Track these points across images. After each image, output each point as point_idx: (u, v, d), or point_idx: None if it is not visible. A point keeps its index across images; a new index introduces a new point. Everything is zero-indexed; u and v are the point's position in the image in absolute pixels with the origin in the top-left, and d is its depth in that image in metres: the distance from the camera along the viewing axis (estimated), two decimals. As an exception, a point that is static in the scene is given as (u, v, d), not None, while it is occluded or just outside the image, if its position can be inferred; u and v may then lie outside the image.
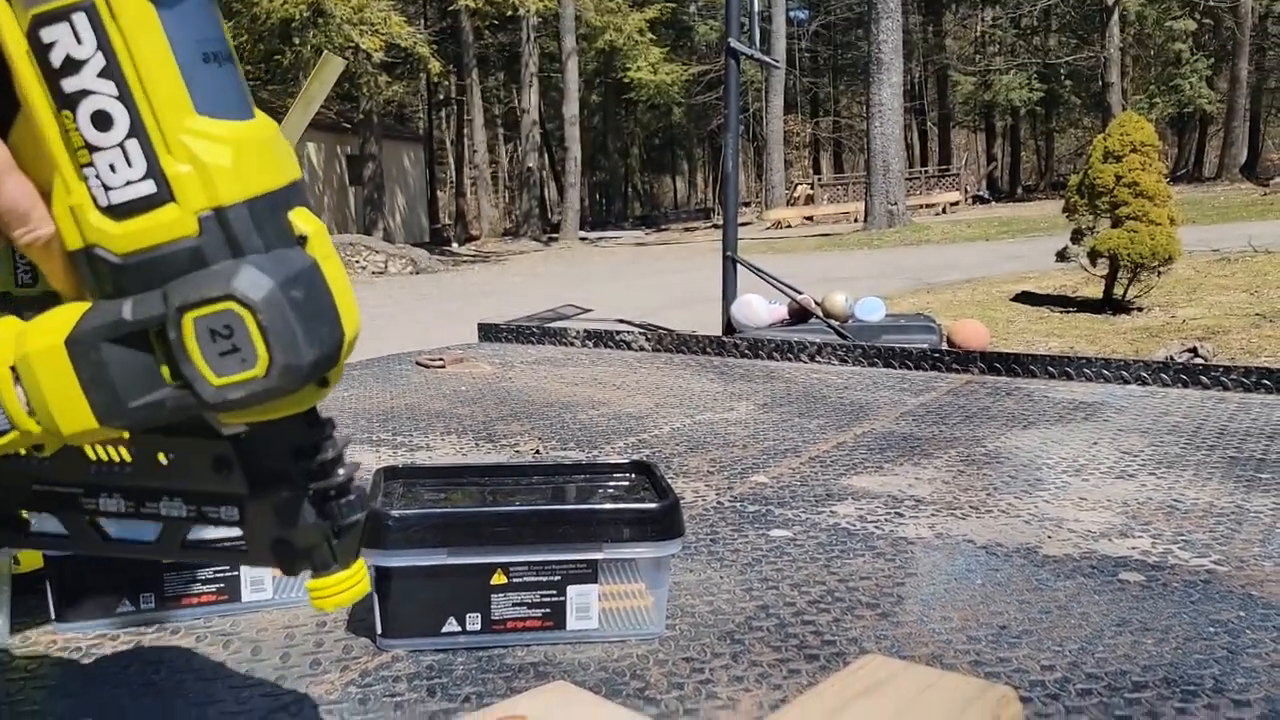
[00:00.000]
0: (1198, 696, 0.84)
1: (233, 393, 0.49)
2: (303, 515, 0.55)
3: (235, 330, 0.49)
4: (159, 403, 0.51)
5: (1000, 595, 1.06)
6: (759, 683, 0.87)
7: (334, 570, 0.57)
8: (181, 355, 0.49)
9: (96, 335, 0.50)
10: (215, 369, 0.49)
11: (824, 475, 1.52)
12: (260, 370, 0.49)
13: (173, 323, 0.49)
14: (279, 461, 0.55)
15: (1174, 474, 1.49)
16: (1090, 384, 2.18)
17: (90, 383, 0.50)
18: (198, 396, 0.50)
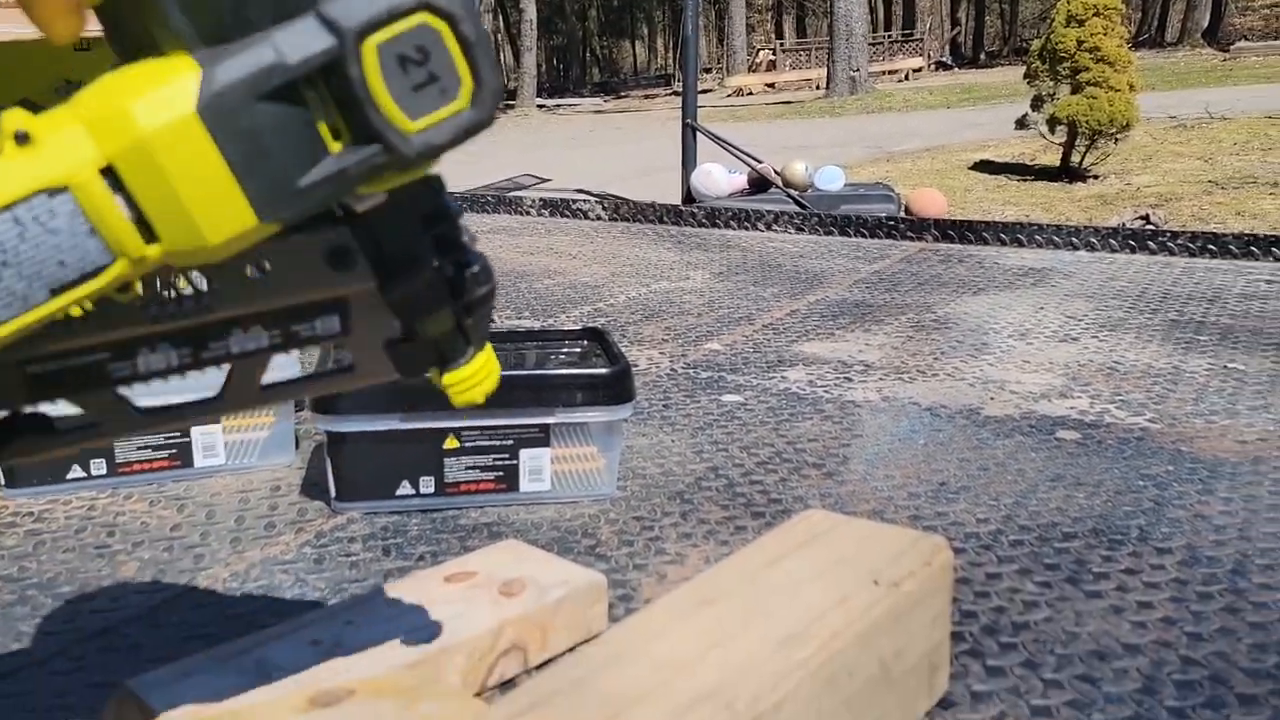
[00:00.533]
0: (1123, 545, 0.88)
1: (436, 135, 0.39)
2: (435, 297, 0.46)
3: (432, 52, 0.38)
4: (339, 174, 0.39)
5: (941, 454, 1.09)
6: (706, 539, 0.90)
7: (471, 355, 0.48)
8: (366, 98, 0.38)
9: (244, 92, 0.37)
10: (409, 109, 0.38)
11: (776, 342, 1.54)
12: (464, 100, 0.39)
13: (352, 55, 0.37)
14: (409, 237, 0.45)
15: (1115, 337, 1.53)
16: (1041, 250, 2.20)
17: (246, 161, 0.37)
18: (393, 151, 0.39)
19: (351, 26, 0.37)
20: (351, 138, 0.39)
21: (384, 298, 0.45)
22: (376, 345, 0.47)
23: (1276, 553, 0.86)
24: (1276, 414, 1.19)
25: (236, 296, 0.44)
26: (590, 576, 0.72)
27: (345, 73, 0.37)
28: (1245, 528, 0.91)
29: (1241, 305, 1.70)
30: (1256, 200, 6.17)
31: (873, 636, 0.56)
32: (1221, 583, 0.81)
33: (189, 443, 1.02)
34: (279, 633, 0.64)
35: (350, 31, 0.37)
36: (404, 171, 0.40)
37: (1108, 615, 0.77)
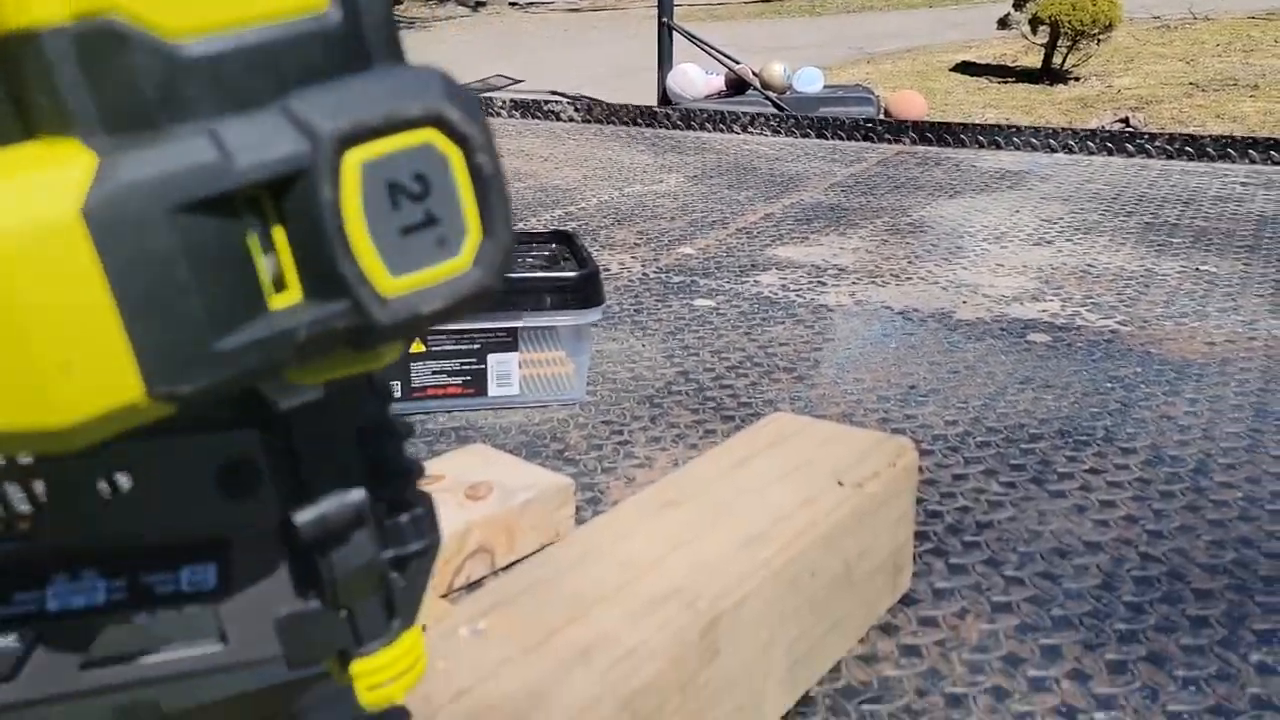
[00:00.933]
0: (1089, 446, 0.89)
1: (423, 301, 0.27)
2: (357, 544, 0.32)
3: (434, 184, 0.27)
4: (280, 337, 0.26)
5: (912, 358, 1.09)
6: (675, 443, 0.90)
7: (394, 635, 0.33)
8: (336, 234, 0.26)
9: (158, 197, 0.25)
10: (393, 260, 0.27)
11: (750, 246, 1.52)
12: (466, 257, 0.27)
13: (325, 169, 0.26)
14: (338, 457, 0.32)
15: (1090, 240, 1.52)
16: (1019, 153, 2.17)
17: (142, 301, 0.25)
18: (364, 315, 0.27)
19: (331, 131, 0.26)
20: (305, 291, 0.27)
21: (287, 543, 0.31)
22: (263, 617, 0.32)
23: (1239, 452, 0.87)
24: (1246, 316, 1.19)
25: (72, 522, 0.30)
26: (557, 480, 0.72)
27: (314, 194, 0.26)
28: (1209, 428, 0.91)
29: (1216, 208, 1.69)
30: (1236, 103, 6.12)
31: (836, 537, 0.56)
32: (1184, 481, 0.82)
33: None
34: (242, 538, 0.63)
35: (328, 137, 0.26)
36: (368, 348, 0.28)
37: (1070, 514, 0.77)
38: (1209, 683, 0.59)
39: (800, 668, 0.55)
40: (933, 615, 0.65)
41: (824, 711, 0.56)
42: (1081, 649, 0.62)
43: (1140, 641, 0.62)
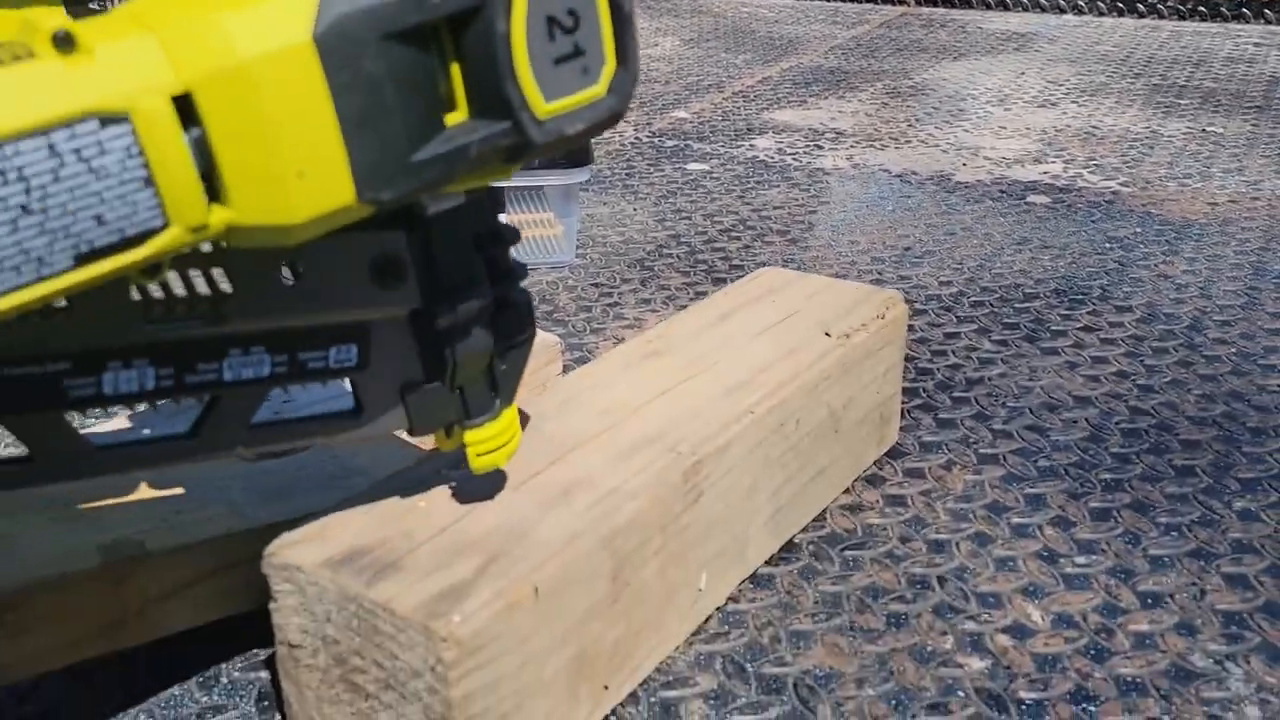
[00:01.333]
0: (1084, 304, 0.87)
1: (568, 123, 0.32)
2: (478, 333, 0.37)
3: (583, 19, 0.31)
4: (458, 151, 0.30)
5: (909, 220, 1.07)
6: (666, 304, 0.89)
7: (497, 411, 0.40)
8: (505, 63, 0.30)
9: (371, 25, 0.28)
10: (547, 86, 0.31)
11: (746, 110, 1.48)
12: (603, 85, 0.32)
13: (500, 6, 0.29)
14: (464, 255, 0.37)
15: (1095, 102, 1.47)
16: (1026, 14, 2.09)
17: (359, 117, 0.28)
18: (522, 133, 0.31)
19: None
20: (472, 112, 0.31)
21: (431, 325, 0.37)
22: (392, 389, 0.38)
23: (1235, 310, 0.86)
24: (1250, 176, 1.17)
25: (257, 307, 0.34)
26: (544, 337, 0.71)
27: (489, 26, 0.29)
28: (1206, 286, 0.90)
29: (1226, 69, 1.64)
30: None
31: (821, 386, 0.56)
32: (1178, 338, 0.81)
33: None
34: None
35: None
36: (519, 163, 0.32)
37: (1062, 370, 0.77)
38: (1190, 528, 0.59)
39: (784, 514, 0.55)
40: (919, 467, 0.65)
41: (807, 557, 0.57)
42: (1066, 498, 0.62)
43: (1125, 490, 0.63)
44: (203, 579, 0.45)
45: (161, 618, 0.45)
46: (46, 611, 0.42)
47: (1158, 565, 0.56)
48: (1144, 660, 0.49)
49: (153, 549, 0.44)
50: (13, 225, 0.25)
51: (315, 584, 0.40)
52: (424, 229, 0.36)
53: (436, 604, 0.38)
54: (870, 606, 0.53)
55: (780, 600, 0.54)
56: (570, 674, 0.42)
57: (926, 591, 0.54)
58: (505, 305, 0.38)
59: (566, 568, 0.40)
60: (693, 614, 0.50)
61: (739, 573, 0.53)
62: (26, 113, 0.25)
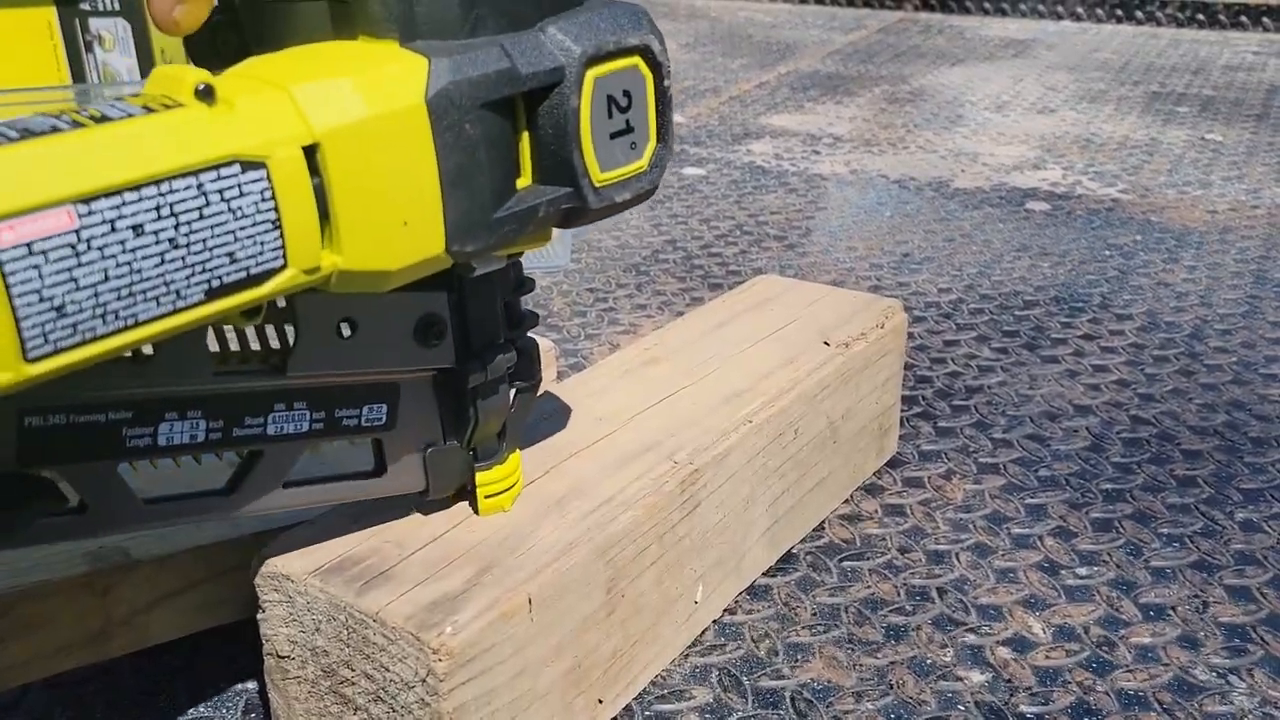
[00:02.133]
0: (1084, 312, 0.87)
1: (618, 192, 0.36)
2: (502, 394, 0.40)
3: (634, 99, 0.35)
4: (530, 211, 0.34)
5: (907, 226, 1.06)
6: (661, 310, 0.88)
7: (505, 455, 0.42)
8: (574, 134, 0.34)
9: (474, 93, 0.31)
10: (603, 159, 0.35)
11: (743, 115, 1.47)
12: (645, 161, 0.36)
13: (574, 82, 0.33)
14: (492, 313, 0.39)
15: (1094, 109, 1.47)
16: (1025, 20, 2.09)
17: (457, 174, 0.32)
18: (583, 199, 0.35)
19: (581, 53, 0.33)
20: (539, 177, 0.34)
21: (461, 384, 0.39)
22: (413, 449, 0.40)
23: (1235, 318, 0.85)
24: (1250, 184, 1.16)
25: (314, 360, 0.36)
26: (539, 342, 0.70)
27: (564, 100, 0.33)
28: (1207, 294, 0.90)
29: (1225, 76, 1.64)
30: (1252, -24, 5.91)
31: (820, 396, 0.55)
32: (1178, 347, 0.81)
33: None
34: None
35: (579, 57, 0.33)
36: (573, 224, 0.36)
37: (1062, 379, 0.76)
38: (1193, 539, 0.58)
39: (782, 525, 0.55)
40: (918, 476, 0.64)
41: (805, 568, 0.56)
42: (1067, 508, 0.61)
43: (1126, 500, 0.62)
44: (190, 588, 0.45)
45: (147, 627, 0.44)
46: (30, 620, 0.41)
47: (1160, 577, 0.55)
48: (1146, 673, 0.49)
49: (139, 557, 0.43)
50: (160, 258, 0.26)
51: (304, 593, 0.39)
52: (462, 290, 0.38)
53: (428, 614, 0.37)
54: (869, 618, 0.52)
55: (777, 612, 0.53)
56: (565, 686, 0.41)
57: (926, 603, 0.54)
58: (519, 354, 0.41)
59: (561, 578, 0.40)
60: (689, 626, 0.49)
61: (736, 584, 0.52)
62: (180, 155, 0.27)
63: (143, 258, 0.26)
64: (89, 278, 0.25)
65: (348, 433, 0.38)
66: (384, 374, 0.38)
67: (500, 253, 0.36)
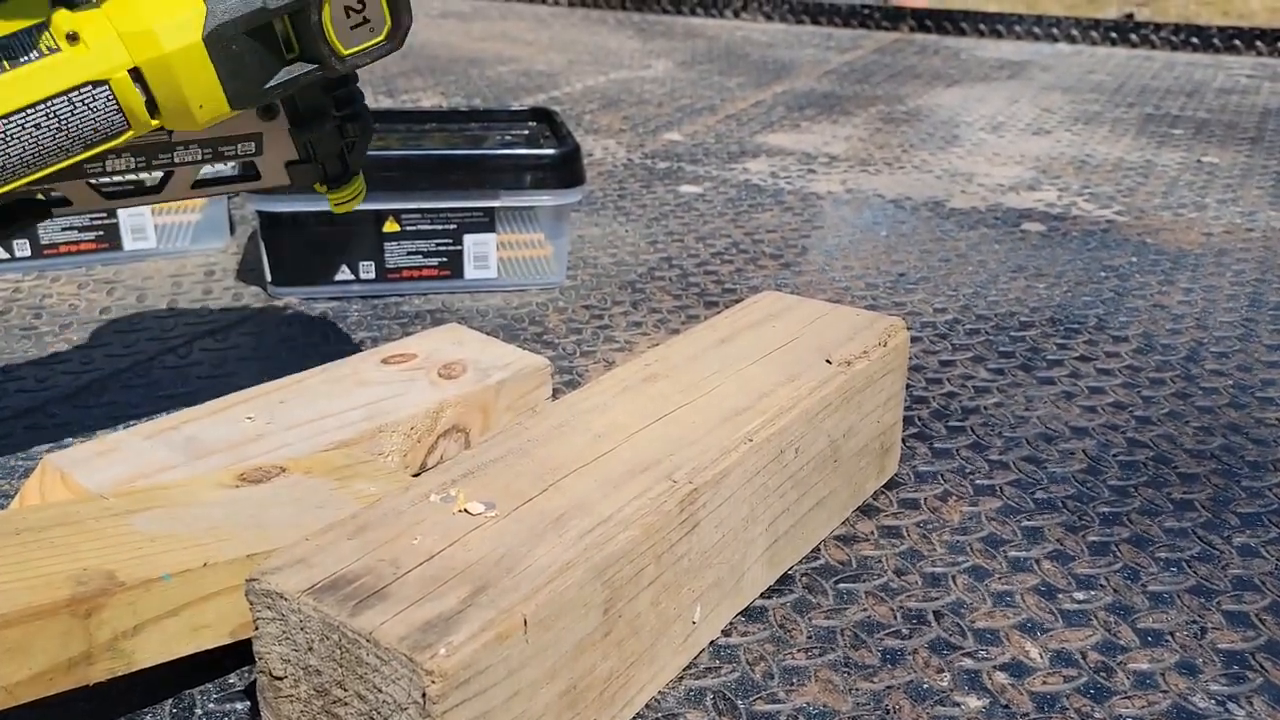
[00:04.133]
0: (1080, 334, 0.87)
1: (360, 59, 0.55)
2: (329, 138, 0.63)
3: (368, 3, 0.54)
4: (290, 81, 0.55)
5: (903, 245, 1.06)
6: (657, 328, 0.88)
7: (349, 178, 0.66)
8: (319, 33, 0.53)
9: (235, 27, 0.51)
10: (344, 41, 0.54)
11: (739, 133, 1.47)
12: (383, 35, 0.55)
13: (315, 6, 0.52)
14: (318, 100, 0.62)
15: (1089, 130, 1.48)
16: (1020, 42, 2.11)
17: (230, 74, 0.52)
18: (330, 69, 0.54)
19: None
20: (301, 54, 0.55)
21: (293, 137, 0.63)
22: (279, 163, 0.64)
23: (1231, 341, 0.85)
24: (1245, 207, 1.17)
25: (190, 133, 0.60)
26: (534, 359, 0.70)
27: (308, 17, 0.53)
28: (1203, 317, 0.90)
29: (1220, 100, 1.65)
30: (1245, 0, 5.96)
31: (821, 414, 0.55)
32: (1175, 369, 0.81)
33: (116, 225, 0.96)
34: (211, 409, 0.61)
35: None
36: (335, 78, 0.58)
37: (1059, 400, 0.76)
38: (1190, 564, 0.58)
39: (781, 546, 0.54)
40: (914, 498, 0.64)
41: (800, 589, 0.55)
42: (1064, 531, 0.61)
43: (1123, 524, 0.62)
44: (175, 612, 0.44)
45: (132, 652, 0.43)
46: (11, 644, 0.40)
47: (1157, 602, 0.55)
48: (1145, 700, 0.48)
49: (124, 580, 0.43)
50: (53, 135, 0.51)
51: (298, 611, 0.38)
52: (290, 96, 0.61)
53: (422, 635, 0.36)
54: (865, 642, 0.52)
55: (773, 634, 0.52)
56: (561, 709, 0.41)
57: (923, 626, 0.53)
58: (353, 117, 0.63)
59: (558, 598, 0.39)
60: (686, 647, 0.48)
61: (734, 605, 0.52)
62: (58, 82, 0.50)
63: (43, 137, 0.51)
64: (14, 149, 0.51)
65: (230, 158, 0.63)
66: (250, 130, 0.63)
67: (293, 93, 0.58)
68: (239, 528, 0.48)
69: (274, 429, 0.60)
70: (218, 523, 0.48)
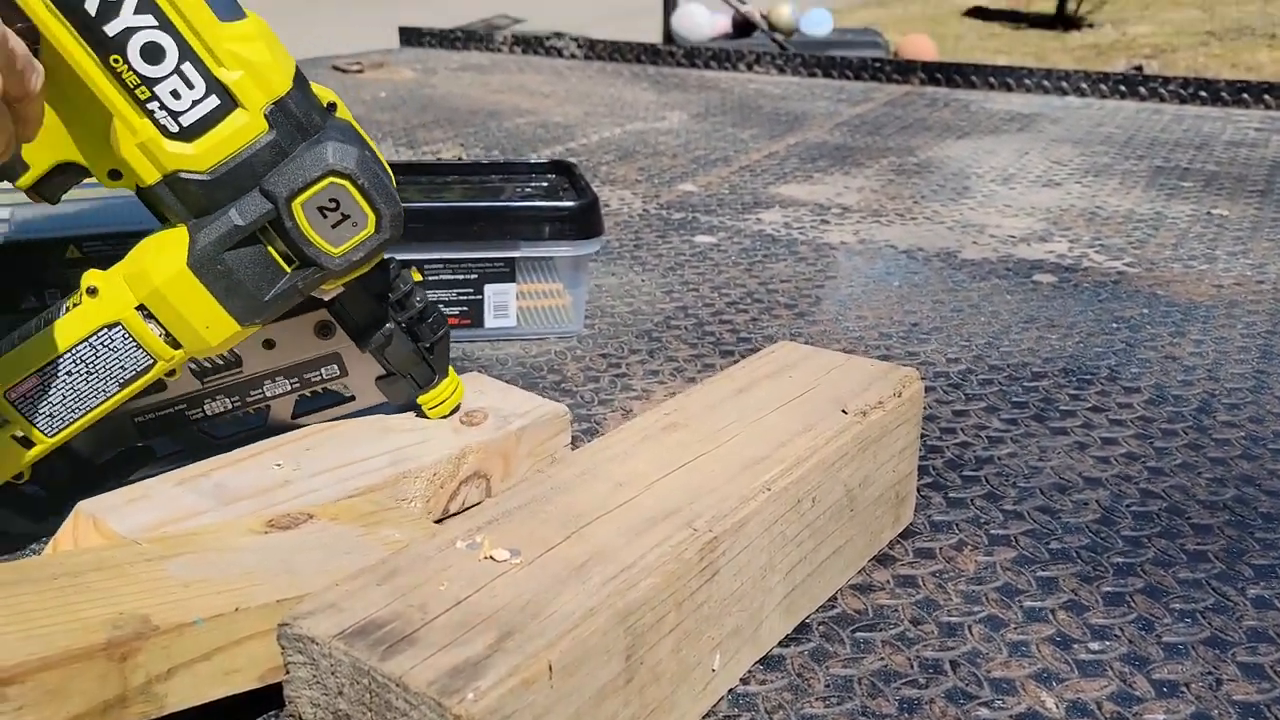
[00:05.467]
0: (1092, 384, 0.88)
1: (355, 254, 0.56)
2: (399, 345, 0.64)
3: (341, 201, 0.55)
4: (291, 288, 0.57)
5: (916, 296, 1.08)
6: (674, 376, 0.89)
7: (436, 382, 0.66)
8: (300, 239, 0.55)
9: (216, 248, 0.55)
10: (332, 241, 0.56)
11: (753, 184, 1.50)
12: (371, 227, 0.56)
13: (285, 213, 0.54)
14: (369, 307, 0.62)
15: (1099, 182, 1.50)
16: (1030, 95, 2.14)
17: (225, 292, 0.55)
18: (325, 269, 0.56)
19: (283, 194, 0.55)
20: (299, 263, 0.56)
21: (361, 350, 0.64)
22: (369, 382, 0.67)
23: (1243, 392, 0.86)
24: (1255, 260, 1.18)
25: (259, 360, 0.64)
26: (554, 407, 0.71)
27: (283, 224, 0.55)
28: (1214, 368, 0.90)
29: (1229, 152, 1.67)
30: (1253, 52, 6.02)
31: (839, 464, 0.56)
32: (1187, 420, 0.81)
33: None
34: (237, 457, 0.63)
35: (281, 198, 0.55)
36: (338, 280, 0.58)
37: (1072, 451, 0.77)
38: (1205, 615, 0.58)
39: (799, 594, 0.55)
40: (930, 547, 0.65)
41: (818, 638, 0.56)
42: (1078, 581, 0.61)
43: (1138, 574, 0.62)
44: (208, 656, 0.45)
45: (165, 695, 0.44)
46: (51, 686, 0.41)
47: (1172, 653, 0.55)
48: (1162, 751, 0.49)
49: (159, 624, 0.44)
50: (85, 379, 0.57)
51: (329, 656, 0.39)
52: (330, 305, 0.62)
53: (450, 680, 0.37)
54: (883, 691, 0.53)
55: (791, 683, 0.53)
56: (582, 755, 0.41)
57: (939, 676, 0.54)
58: (424, 317, 0.64)
59: (581, 644, 0.40)
60: (706, 695, 0.49)
61: (752, 653, 0.52)
62: (80, 330, 0.56)
63: (76, 382, 0.57)
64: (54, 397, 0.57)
65: (318, 384, 0.67)
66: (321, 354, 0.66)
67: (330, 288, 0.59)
68: (270, 573, 0.49)
69: (301, 475, 0.61)
70: (250, 568, 0.49)
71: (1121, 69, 5.39)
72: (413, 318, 0.64)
